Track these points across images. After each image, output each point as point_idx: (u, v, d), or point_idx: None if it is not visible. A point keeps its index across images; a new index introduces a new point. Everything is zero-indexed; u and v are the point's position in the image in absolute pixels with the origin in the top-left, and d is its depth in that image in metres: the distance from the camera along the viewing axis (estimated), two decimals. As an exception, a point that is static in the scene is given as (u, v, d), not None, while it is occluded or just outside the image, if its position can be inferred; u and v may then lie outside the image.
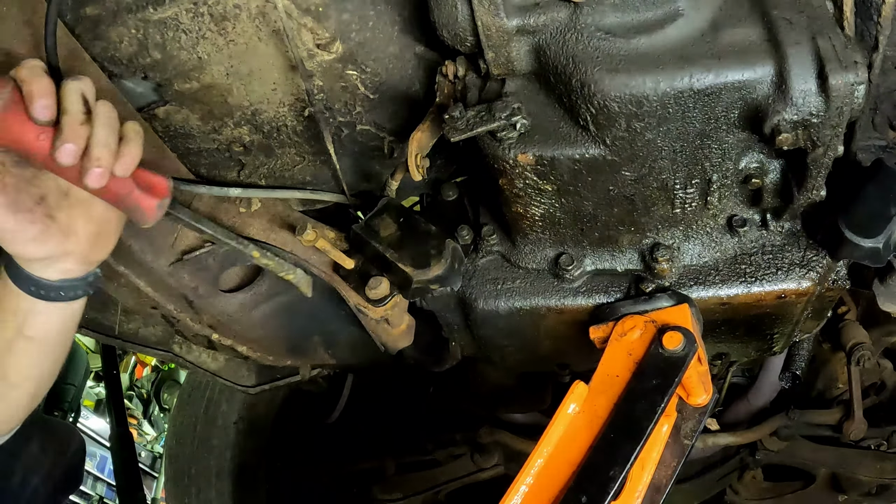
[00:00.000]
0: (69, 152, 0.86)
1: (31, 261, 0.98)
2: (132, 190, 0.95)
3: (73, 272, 1.01)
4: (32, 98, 0.85)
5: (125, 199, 0.95)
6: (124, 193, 0.94)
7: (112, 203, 0.97)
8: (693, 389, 1.07)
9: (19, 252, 0.97)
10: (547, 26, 0.94)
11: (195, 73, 1.07)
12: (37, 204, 0.94)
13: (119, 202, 0.96)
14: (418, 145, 1.07)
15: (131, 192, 0.95)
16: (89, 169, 0.87)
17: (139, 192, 0.96)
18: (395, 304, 1.16)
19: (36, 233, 0.94)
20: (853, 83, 0.86)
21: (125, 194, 0.95)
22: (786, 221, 1.11)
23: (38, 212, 0.94)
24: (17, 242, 0.95)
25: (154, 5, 0.99)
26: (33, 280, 0.99)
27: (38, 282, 0.99)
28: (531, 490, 0.94)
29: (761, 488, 2.13)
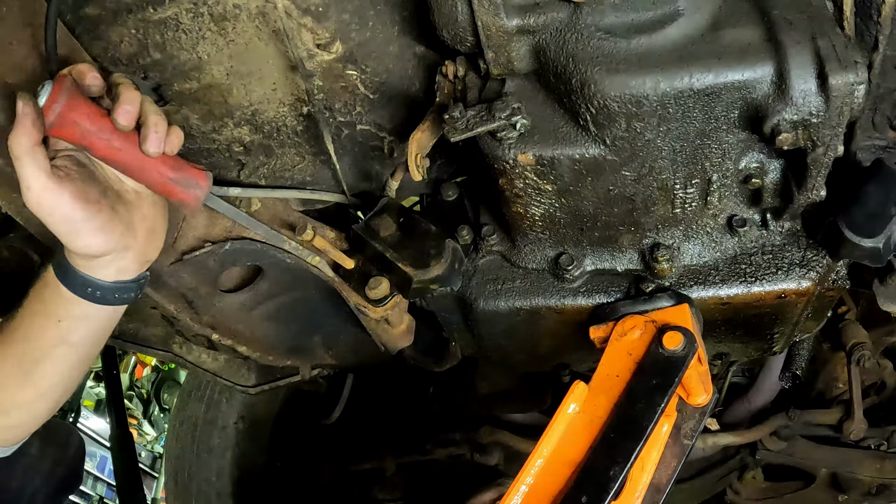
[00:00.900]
0: (127, 113, 0.91)
1: (93, 257, 0.99)
2: (180, 174, 0.99)
3: (129, 271, 1.03)
4: (83, 76, 0.91)
5: (172, 185, 0.99)
6: (173, 177, 0.99)
7: (160, 189, 1.00)
8: (693, 389, 1.07)
9: (84, 245, 0.97)
10: (547, 26, 0.94)
11: (195, 73, 1.07)
12: (101, 196, 0.97)
13: (167, 187, 0.99)
14: (418, 145, 1.07)
15: (179, 175, 0.99)
16: (148, 135, 0.93)
17: (185, 178, 1.00)
18: (395, 304, 1.16)
19: (104, 221, 0.96)
20: (853, 83, 0.86)
21: (174, 178, 0.99)
22: (786, 221, 1.11)
23: (104, 203, 0.97)
24: (84, 234, 0.96)
25: (154, 5, 0.99)
26: (90, 282, 1.00)
27: (95, 283, 1.01)
28: (531, 490, 0.94)
29: (761, 488, 2.13)
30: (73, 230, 0.95)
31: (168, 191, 1.00)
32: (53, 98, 0.89)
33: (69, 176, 0.94)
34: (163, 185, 0.99)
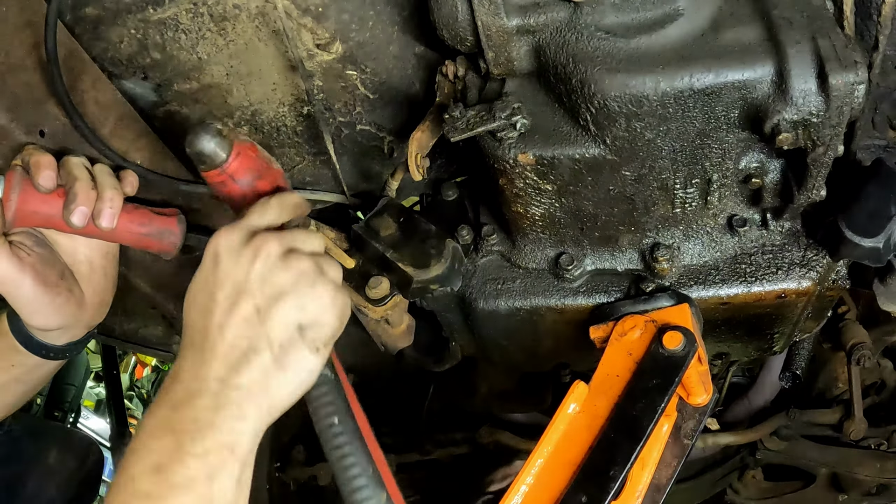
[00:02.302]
0: (82, 214, 0.96)
1: (48, 330, 1.07)
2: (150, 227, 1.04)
3: (78, 336, 1.11)
4: (38, 173, 0.94)
5: (146, 239, 1.04)
6: (144, 232, 1.03)
7: (135, 245, 1.06)
8: (693, 389, 1.07)
9: (41, 324, 1.05)
10: (547, 26, 0.94)
11: (195, 73, 1.07)
12: (59, 279, 1.03)
13: (141, 242, 1.05)
14: (418, 145, 1.07)
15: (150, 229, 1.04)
16: (102, 210, 0.97)
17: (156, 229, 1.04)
18: (395, 304, 1.16)
19: (61, 303, 1.03)
20: (853, 83, 0.86)
21: (146, 233, 1.04)
22: (786, 221, 1.11)
23: (62, 286, 1.03)
24: (42, 314, 1.03)
25: (154, 6, 0.99)
26: (44, 346, 1.08)
27: (48, 346, 1.09)
28: (531, 490, 0.94)
29: (761, 488, 2.13)
30: (32, 311, 1.02)
31: (143, 245, 1.05)
32: (6, 196, 0.94)
33: (30, 258, 1.00)
34: (136, 242, 1.04)
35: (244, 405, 0.76)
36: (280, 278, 0.80)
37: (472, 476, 1.95)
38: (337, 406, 0.82)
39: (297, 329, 0.79)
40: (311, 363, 0.79)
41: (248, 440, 0.76)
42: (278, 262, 0.80)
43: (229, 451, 0.74)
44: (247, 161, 0.89)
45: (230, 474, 0.74)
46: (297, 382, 0.79)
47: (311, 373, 0.80)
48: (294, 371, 0.78)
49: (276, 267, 0.80)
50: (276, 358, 0.77)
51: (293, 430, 2.19)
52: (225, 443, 0.74)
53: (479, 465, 1.97)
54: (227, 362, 0.77)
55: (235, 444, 0.75)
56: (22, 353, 1.08)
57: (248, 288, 0.79)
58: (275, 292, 0.79)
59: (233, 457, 0.74)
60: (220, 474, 0.73)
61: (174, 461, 0.72)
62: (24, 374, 1.11)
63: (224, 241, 0.82)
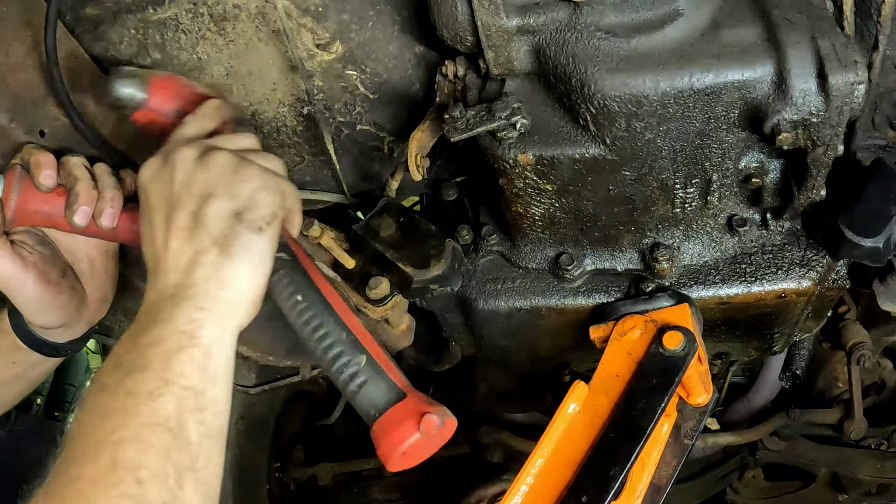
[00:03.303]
0: (84, 213, 0.95)
1: (50, 328, 1.06)
2: None
3: (79, 333, 1.11)
4: (38, 172, 0.94)
5: None
6: None
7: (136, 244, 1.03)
8: (693, 389, 1.07)
9: (44, 322, 1.05)
10: (547, 26, 0.94)
11: (195, 73, 1.07)
12: (61, 277, 1.03)
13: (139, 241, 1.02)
14: (418, 145, 1.07)
15: None
16: (104, 210, 0.96)
17: None
18: (395, 304, 1.16)
19: (63, 302, 1.03)
20: (853, 83, 0.86)
21: None
22: (786, 221, 1.11)
23: (63, 284, 1.03)
24: (44, 312, 1.02)
25: (154, 6, 0.99)
26: (45, 343, 1.08)
27: (49, 344, 1.08)
28: (531, 490, 0.94)
29: (761, 488, 2.13)
30: (34, 309, 1.02)
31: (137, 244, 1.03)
32: (6, 195, 0.93)
33: (32, 256, 1.00)
34: (136, 241, 1.03)
35: (200, 299, 0.76)
36: (203, 177, 0.81)
37: (468, 479, 1.95)
38: (297, 283, 0.81)
39: (233, 217, 0.79)
40: (255, 243, 0.79)
41: (211, 331, 0.75)
42: (197, 165, 0.82)
43: (187, 337, 0.73)
44: (167, 92, 0.91)
45: (190, 358, 0.72)
46: (248, 266, 0.78)
47: (261, 253, 0.80)
48: (241, 255, 0.78)
49: (196, 170, 0.81)
50: (221, 250, 0.78)
51: (293, 430, 2.19)
52: (181, 330, 0.74)
53: (478, 467, 1.97)
54: (179, 271, 0.78)
55: (193, 331, 0.74)
56: (23, 350, 1.08)
57: (177, 199, 0.81)
58: (202, 192, 0.80)
59: (192, 341, 0.73)
60: (178, 356, 0.72)
61: (131, 352, 0.73)
62: (24, 371, 1.11)
63: (145, 171, 0.85)
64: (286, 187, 0.87)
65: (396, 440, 0.70)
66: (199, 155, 0.83)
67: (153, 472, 0.66)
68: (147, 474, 0.66)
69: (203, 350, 0.74)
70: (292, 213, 0.89)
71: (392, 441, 0.70)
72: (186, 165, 0.82)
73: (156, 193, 0.83)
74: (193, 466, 0.69)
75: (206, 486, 0.70)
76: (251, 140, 0.90)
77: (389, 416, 0.72)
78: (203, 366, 0.73)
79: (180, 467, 0.68)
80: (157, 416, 0.69)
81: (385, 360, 0.77)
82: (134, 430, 0.68)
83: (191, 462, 0.69)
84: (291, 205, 0.88)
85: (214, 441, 0.73)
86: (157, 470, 0.66)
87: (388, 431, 0.70)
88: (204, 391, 0.73)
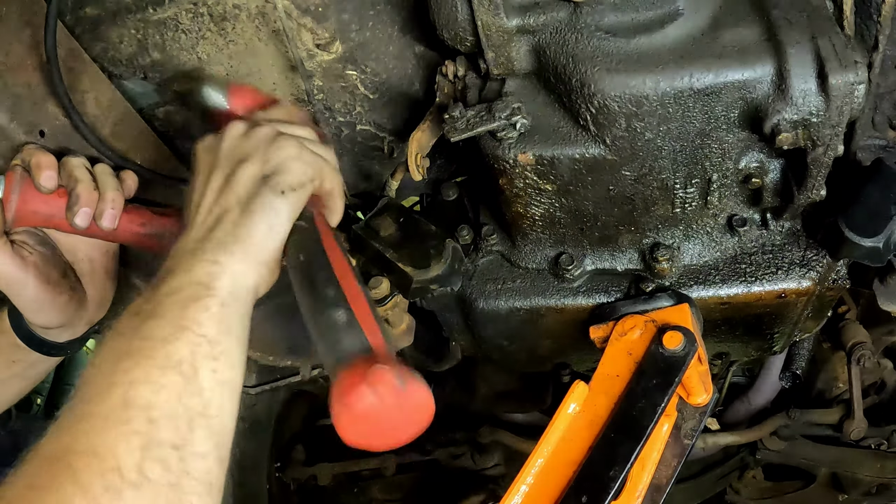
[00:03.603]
0: (85, 214, 0.96)
1: (51, 328, 1.07)
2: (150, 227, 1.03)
3: (80, 333, 1.11)
4: (39, 173, 0.94)
5: (146, 239, 1.04)
6: (144, 232, 1.03)
7: (135, 245, 1.06)
8: (693, 389, 1.07)
9: (44, 322, 1.05)
10: (547, 26, 0.94)
11: (190, 76, 1.08)
12: (62, 277, 1.03)
13: (141, 242, 1.04)
14: (418, 145, 1.07)
15: (150, 229, 1.03)
16: (104, 211, 0.97)
17: (156, 230, 1.04)
18: (395, 304, 1.16)
19: (63, 302, 1.03)
20: (853, 83, 0.86)
21: (146, 233, 1.03)
22: (786, 221, 1.11)
23: (64, 284, 1.03)
24: (45, 312, 1.03)
25: (154, 6, 1.00)
26: (46, 342, 1.08)
27: (49, 343, 1.08)
28: (531, 490, 0.94)
29: (761, 488, 2.13)
30: (35, 309, 1.02)
31: (143, 245, 1.05)
32: (6, 196, 0.94)
33: (32, 257, 1.00)
34: (137, 242, 1.04)
35: (217, 252, 0.77)
36: (243, 146, 0.86)
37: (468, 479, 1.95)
38: (306, 245, 0.83)
39: (260, 179, 0.83)
40: (275, 204, 0.81)
41: (226, 282, 0.75)
42: (242, 137, 0.87)
43: (204, 287, 0.74)
44: (246, 99, 0.97)
45: (205, 307, 0.73)
46: (265, 223, 0.80)
47: (278, 212, 0.81)
48: (260, 212, 0.80)
49: (240, 141, 0.87)
50: (242, 208, 0.80)
51: (293, 430, 2.19)
52: (198, 280, 0.75)
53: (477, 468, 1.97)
54: (204, 227, 0.80)
55: (210, 282, 0.75)
56: (23, 349, 1.08)
57: (217, 164, 0.85)
58: (239, 157, 0.85)
59: (208, 292, 0.74)
60: (194, 305, 0.73)
61: (149, 302, 0.74)
62: (24, 369, 1.12)
63: (200, 144, 0.90)
64: (327, 170, 0.89)
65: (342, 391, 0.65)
66: (247, 129, 0.88)
67: (164, 412, 0.66)
68: (158, 414, 0.66)
69: (219, 301, 0.74)
70: (332, 197, 0.91)
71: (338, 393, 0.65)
72: (233, 137, 0.87)
73: (202, 160, 0.88)
74: (205, 413, 0.69)
75: (218, 434, 0.71)
76: (307, 132, 0.92)
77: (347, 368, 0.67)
78: (218, 316, 0.74)
79: (192, 412, 0.68)
80: (171, 359, 0.69)
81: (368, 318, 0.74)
82: (146, 371, 0.68)
83: (203, 408, 0.69)
84: (331, 188, 0.90)
85: (227, 390, 0.73)
86: (168, 411, 0.67)
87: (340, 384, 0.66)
88: (219, 341, 0.73)
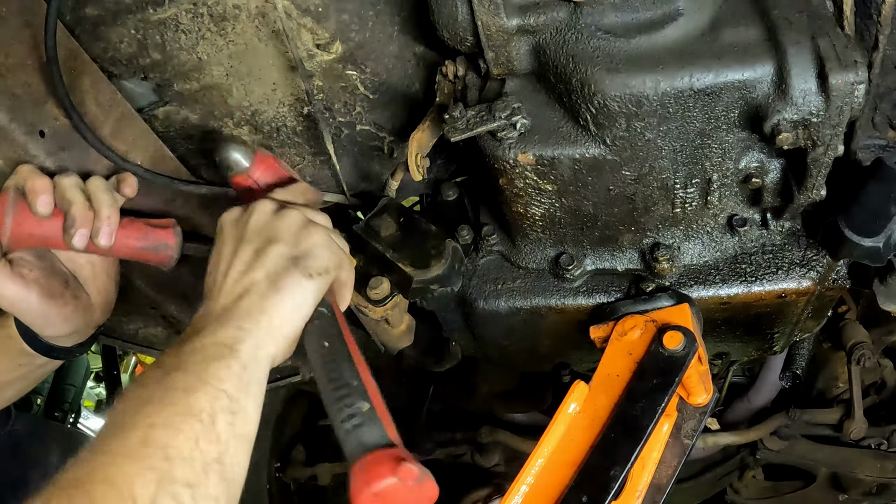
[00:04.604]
0: (82, 236, 0.96)
1: (58, 336, 1.07)
2: (146, 241, 1.04)
3: (86, 336, 1.12)
4: (34, 198, 0.95)
5: (142, 252, 1.05)
6: (141, 246, 1.04)
7: (132, 258, 1.06)
8: (693, 389, 1.07)
9: (54, 332, 1.06)
10: (547, 26, 0.94)
11: (195, 73, 1.08)
12: (65, 288, 1.04)
13: (137, 255, 1.05)
14: (418, 145, 1.07)
15: (146, 243, 1.04)
16: (101, 228, 0.97)
17: (153, 243, 1.05)
18: (395, 304, 1.16)
19: (68, 313, 1.04)
20: (853, 82, 0.86)
21: (142, 247, 1.04)
22: (786, 221, 1.11)
23: (67, 294, 1.04)
24: (52, 325, 1.04)
25: (154, 6, 0.99)
26: (52, 347, 1.09)
27: (56, 347, 1.09)
28: (531, 490, 0.94)
29: (762, 488, 2.13)
30: (42, 324, 1.04)
31: (140, 258, 1.05)
32: (0, 219, 0.94)
33: (32, 273, 1.01)
34: (133, 255, 1.05)
35: (243, 321, 0.81)
36: (274, 224, 0.90)
37: (467, 479, 1.95)
38: (328, 332, 0.87)
39: (290, 260, 0.87)
40: (303, 285, 0.85)
41: (248, 347, 0.79)
42: (272, 215, 0.91)
43: (227, 349, 0.78)
44: (268, 168, 1.03)
45: (227, 366, 0.77)
46: (292, 303, 0.84)
47: (305, 293, 0.85)
48: (288, 291, 0.84)
49: (270, 219, 0.91)
50: (271, 282, 0.84)
51: (293, 430, 2.19)
52: (222, 342, 0.78)
53: (477, 468, 1.97)
54: (231, 296, 0.84)
55: (234, 345, 0.78)
56: (29, 353, 1.08)
57: (246, 237, 0.89)
58: (270, 236, 0.88)
59: (231, 353, 0.78)
60: (217, 363, 0.76)
61: (173, 357, 0.77)
62: (29, 372, 1.12)
63: (227, 216, 0.94)
64: (346, 261, 0.94)
65: (371, 478, 0.72)
66: (277, 209, 0.92)
67: (181, 452, 0.69)
68: (175, 453, 0.69)
69: (240, 363, 0.78)
70: (344, 287, 0.95)
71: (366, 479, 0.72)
72: (263, 214, 0.91)
73: (230, 231, 0.92)
74: (220, 460, 0.72)
75: (230, 482, 0.73)
76: (327, 220, 0.98)
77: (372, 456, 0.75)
78: (239, 375, 0.77)
79: (208, 457, 0.71)
80: (192, 408, 0.72)
81: (385, 414, 0.81)
82: (167, 417, 0.71)
83: (218, 455, 0.72)
84: (346, 279, 0.95)
85: (243, 443, 0.76)
86: (185, 452, 0.70)
87: (366, 470, 0.73)
88: (237, 398, 0.76)
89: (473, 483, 1.95)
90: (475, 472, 1.97)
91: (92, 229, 0.97)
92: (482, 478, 1.96)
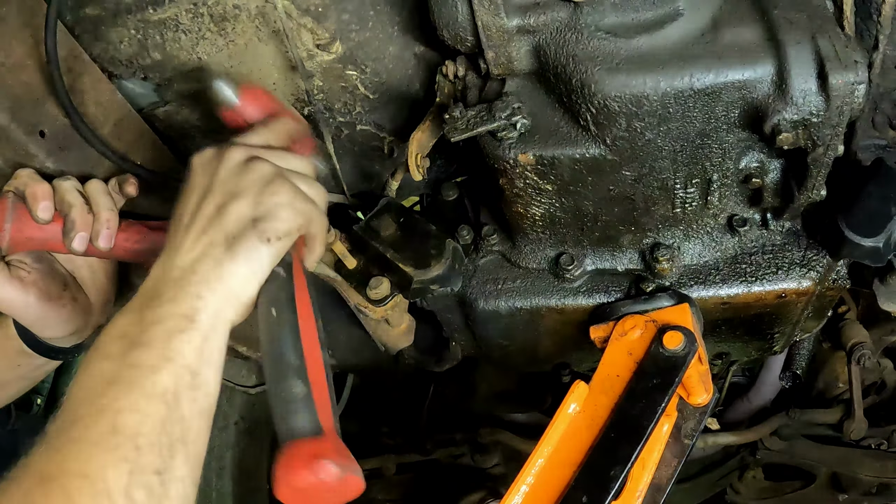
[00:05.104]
0: (81, 239, 0.96)
1: (57, 338, 1.08)
2: (145, 243, 1.03)
3: (86, 336, 1.12)
4: (35, 204, 0.95)
5: (142, 254, 1.04)
6: (140, 248, 1.03)
7: (131, 260, 1.06)
8: (693, 389, 1.07)
9: (53, 334, 1.06)
10: (547, 26, 0.94)
11: (195, 73, 1.07)
12: (63, 290, 1.04)
13: (137, 257, 1.04)
14: (418, 145, 1.07)
15: (146, 245, 1.03)
16: (100, 232, 0.98)
17: (152, 246, 1.03)
18: (395, 304, 1.16)
19: (67, 314, 1.05)
20: (853, 82, 0.86)
21: (141, 249, 1.03)
22: (786, 221, 1.11)
23: (66, 296, 1.05)
24: (51, 327, 1.05)
25: (154, 6, 0.99)
26: (52, 348, 1.09)
27: (56, 348, 1.10)
28: (531, 490, 0.94)
29: (762, 488, 2.13)
30: (42, 326, 1.04)
31: (139, 260, 1.05)
32: (0, 224, 0.93)
33: (31, 276, 1.01)
34: (133, 258, 1.04)
35: (201, 288, 0.80)
36: (240, 179, 0.86)
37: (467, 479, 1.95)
38: (278, 299, 0.84)
39: (249, 222, 0.84)
40: (259, 251, 0.83)
41: (208, 317, 0.79)
42: (240, 167, 0.87)
43: (188, 320, 0.78)
44: (256, 102, 0.98)
45: (189, 339, 0.77)
46: (248, 270, 0.82)
47: (262, 259, 0.83)
48: (244, 259, 0.82)
49: (237, 170, 0.87)
50: (228, 246, 0.82)
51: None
52: (182, 313, 0.78)
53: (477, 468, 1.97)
54: (189, 257, 0.82)
55: (193, 315, 0.78)
56: (29, 354, 1.09)
57: (211, 190, 0.86)
58: (233, 191, 0.85)
59: (191, 325, 0.77)
60: (178, 337, 0.76)
61: (136, 326, 0.77)
62: (29, 372, 1.13)
63: (199, 158, 0.90)
64: (315, 215, 0.90)
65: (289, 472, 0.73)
66: (246, 159, 0.88)
67: (150, 440, 0.70)
68: (144, 441, 0.70)
69: (202, 334, 0.78)
70: (314, 241, 0.92)
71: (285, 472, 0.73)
72: (231, 163, 0.87)
73: (199, 178, 0.88)
74: (184, 439, 0.73)
75: (195, 458, 0.75)
76: (304, 164, 0.93)
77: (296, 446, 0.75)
78: (200, 348, 0.77)
79: (173, 438, 0.72)
80: (156, 389, 0.73)
81: (324, 397, 0.80)
82: (134, 399, 0.72)
83: (182, 434, 0.73)
84: (316, 233, 0.91)
85: (204, 419, 0.77)
86: (153, 438, 0.71)
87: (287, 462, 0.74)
88: (199, 371, 0.77)
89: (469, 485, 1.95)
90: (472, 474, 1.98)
91: (91, 232, 0.97)
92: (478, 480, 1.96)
